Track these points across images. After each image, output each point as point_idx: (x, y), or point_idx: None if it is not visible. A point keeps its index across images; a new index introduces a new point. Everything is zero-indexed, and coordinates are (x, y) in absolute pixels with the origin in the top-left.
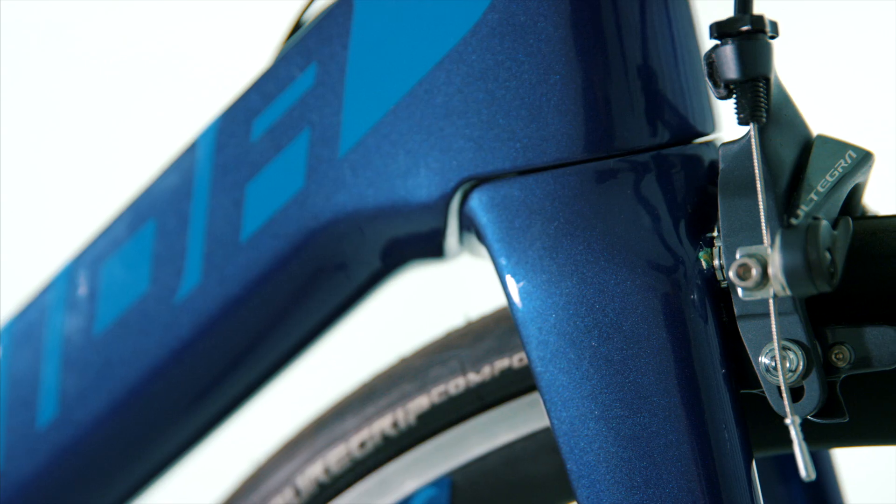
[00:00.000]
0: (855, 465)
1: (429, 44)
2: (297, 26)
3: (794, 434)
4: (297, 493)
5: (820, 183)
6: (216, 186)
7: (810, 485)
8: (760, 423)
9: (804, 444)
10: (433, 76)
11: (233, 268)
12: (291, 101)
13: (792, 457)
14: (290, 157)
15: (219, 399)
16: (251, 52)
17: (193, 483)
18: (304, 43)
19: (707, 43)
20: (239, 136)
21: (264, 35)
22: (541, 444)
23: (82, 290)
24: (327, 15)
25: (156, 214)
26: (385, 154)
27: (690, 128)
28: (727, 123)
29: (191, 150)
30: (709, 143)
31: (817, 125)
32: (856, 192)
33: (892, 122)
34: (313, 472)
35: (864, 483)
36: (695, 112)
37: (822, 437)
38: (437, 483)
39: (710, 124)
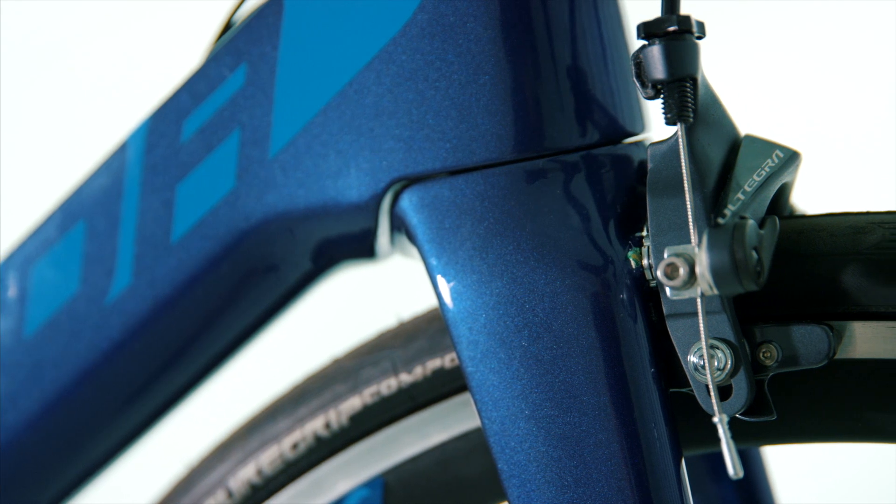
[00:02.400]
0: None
1: (359, 44)
2: (228, 26)
3: (722, 432)
4: (230, 494)
5: (747, 182)
6: (146, 187)
7: (741, 482)
8: (690, 422)
9: (732, 443)
10: (363, 76)
11: (163, 269)
12: (222, 101)
13: (722, 455)
14: (220, 157)
15: (151, 400)
16: None
17: (126, 484)
18: (234, 43)
19: (636, 43)
20: (169, 136)
21: None
22: (473, 444)
23: (12, 291)
24: (257, 15)
25: (86, 215)
26: (316, 154)
27: (620, 128)
28: (657, 123)
29: (121, 151)
30: (638, 143)
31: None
32: (783, 192)
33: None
34: (246, 474)
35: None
36: (624, 112)
37: (751, 435)
38: (369, 484)
39: (639, 124)
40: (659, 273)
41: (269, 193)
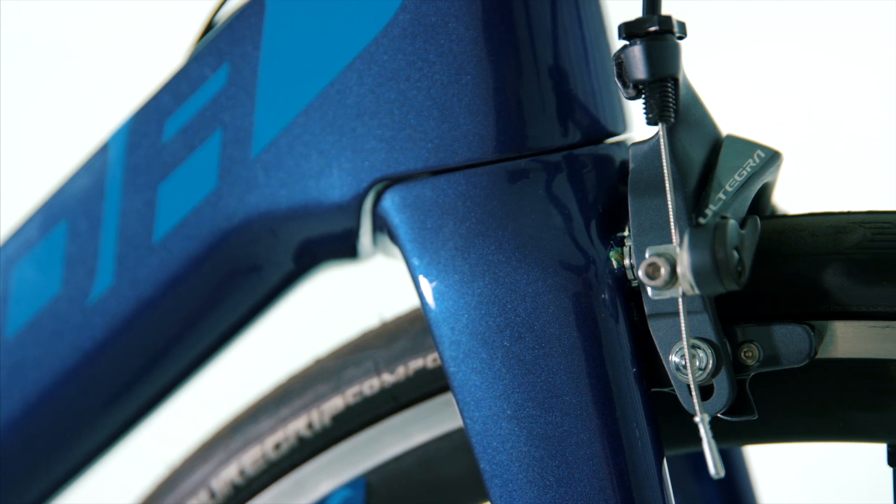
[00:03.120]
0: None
1: (341, 44)
2: (210, 26)
3: (703, 432)
4: (212, 495)
5: (728, 182)
6: (128, 187)
7: (723, 482)
8: (671, 422)
9: (713, 442)
10: (345, 76)
11: (145, 269)
12: (203, 101)
13: (704, 454)
14: (202, 157)
15: (134, 401)
16: None
17: (109, 485)
18: (216, 43)
19: (618, 44)
20: (151, 136)
21: None
22: (455, 444)
23: None
24: (239, 15)
25: (68, 216)
26: (298, 154)
27: (602, 128)
28: (639, 123)
29: (102, 151)
30: (620, 143)
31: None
32: (765, 192)
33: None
34: (228, 475)
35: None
36: (606, 112)
37: (732, 434)
38: (352, 484)
39: (621, 124)
40: (640, 273)
41: (252, 193)
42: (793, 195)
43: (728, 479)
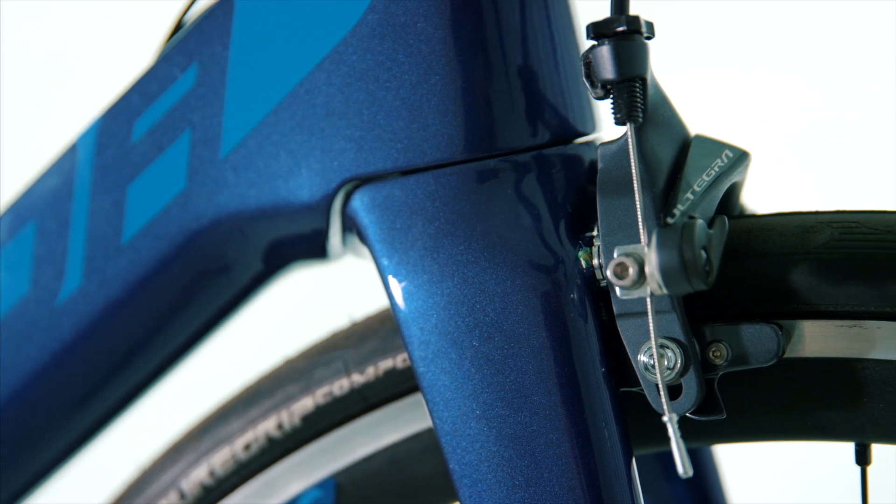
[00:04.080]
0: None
1: (309, 44)
2: (179, 26)
3: (672, 431)
4: (182, 496)
5: (697, 182)
6: (97, 188)
7: (693, 481)
8: (641, 421)
9: (681, 442)
10: (314, 77)
11: (114, 270)
12: (172, 101)
13: (672, 454)
14: (171, 158)
15: (103, 402)
16: None
17: (78, 486)
18: (184, 43)
19: (587, 44)
20: (120, 137)
21: None
22: (425, 445)
23: None
24: (208, 15)
25: (36, 216)
26: (267, 155)
27: (571, 128)
28: (608, 123)
29: (71, 152)
30: (589, 143)
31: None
32: (733, 191)
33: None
34: (198, 475)
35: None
36: (575, 112)
37: (701, 434)
38: (322, 484)
39: (590, 124)
40: (609, 273)
41: (221, 194)
42: (763, 195)
43: (697, 479)
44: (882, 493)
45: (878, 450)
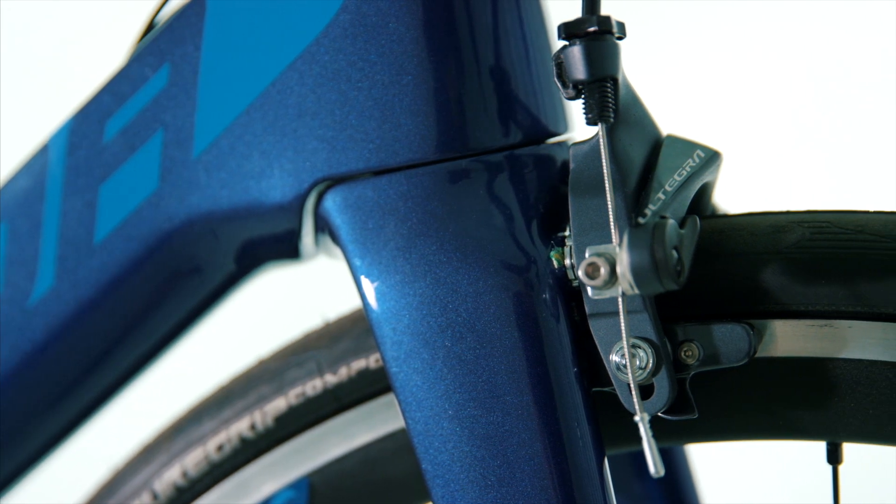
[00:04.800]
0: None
1: (281, 44)
2: (151, 26)
3: (643, 431)
4: (155, 497)
5: (668, 182)
6: (69, 188)
7: (665, 481)
8: (613, 421)
9: (653, 441)
10: (286, 77)
11: (86, 270)
12: (144, 101)
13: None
14: (143, 158)
15: (75, 403)
16: None
17: (52, 487)
18: (156, 43)
19: (559, 44)
20: (92, 137)
21: None
22: (398, 445)
23: None
24: (180, 15)
25: (8, 217)
26: (239, 155)
27: (543, 128)
28: (580, 123)
29: (43, 152)
30: (561, 143)
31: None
32: (705, 191)
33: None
34: (171, 476)
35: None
36: (547, 112)
37: (673, 433)
38: (295, 485)
39: (562, 124)
40: (580, 273)
41: (193, 194)
42: (734, 194)
43: (670, 478)
44: (853, 492)
45: (849, 449)
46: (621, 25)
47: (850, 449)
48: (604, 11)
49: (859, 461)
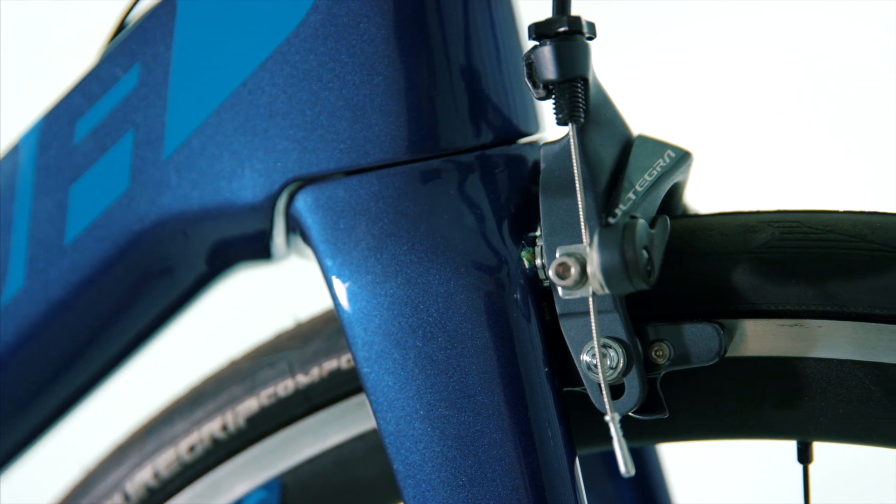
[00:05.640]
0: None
1: (252, 44)
2: (122, 26)
3: (614, 431)
4: (127, 498)
5: (639, 182)
6: (39, 189)
7: (637, 480)
8: (584, 421)
9: (623, 441)
10: (257, 77)
11: (57, 271)
12: (115, 102)
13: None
14: (114, 158)
15: (47, 404)
16: None
17: (23, 489)
18: (127, 43)
19: (530, 44)
20: (62, 137)
21: None
22: (370, 445)
23: None
24: (151, 15)
25: None
26: (210, 155)
27: (514, 128)
28: (552, 123)
29: (13, 153)
30: (532, 143)
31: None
32: (676, 191)
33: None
34: (142, 478)
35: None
36: (518, 112)
37: (645, 433)
38: (267, 485)
39: (533, 124)
40: (551, 273)
41: (164, 195)
42: (706, 194)
43: (642, 478)
44: (824, 491)
45: (819, 448)
46: (592, 26)
47: (820, 448)
48: (574, 11)
49: (829, 460)
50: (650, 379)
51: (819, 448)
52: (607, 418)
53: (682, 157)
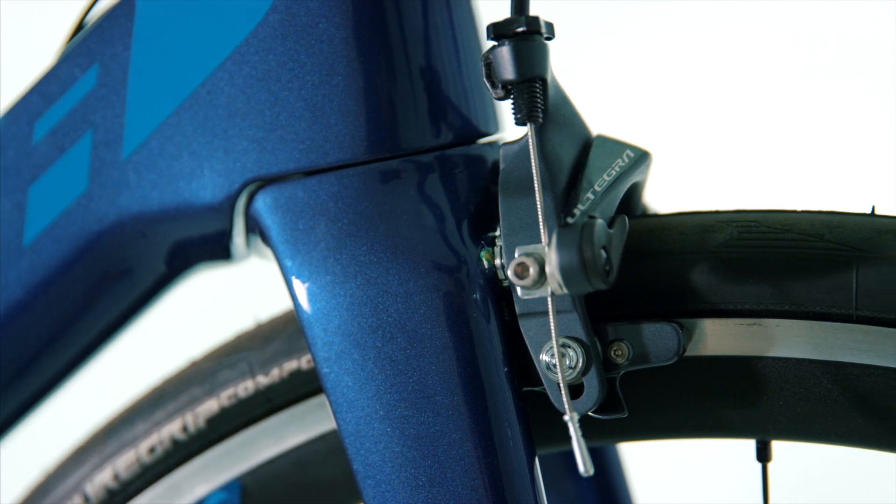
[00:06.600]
0: None
1: (211, 45)
2: (81, 26)
3: (573, 430)
4: (87, 499)
5: (598, 182)
6: None
7: (598, 480)
8: (544, 421)
9: (582, 440)
10: (216, 77)
11: (15, 272)
12: (73, 102)
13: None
14: (73, 159)
15: (5, 405)
16: None
17: None
18: (86, 43)
19: (488, 44)
20: (20, 138)
21: None
22: (330, 446)
23: None
24: (109, 15)
25: None
26: (169, 156)
27: (473, 128)
28: (511, 123)
29: None
30: (492, 144)
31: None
32: (635, 191)
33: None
34: (102, 479)
35: None
36: (478, 112)
37: (604, 432)
38: (227, 487)
39: (493, 124)
40: (510, 273)
41: (123, 195)
42: (666, 194)
43: (603, 477)
44: (783, 490)
45: (778, 447)
46: (550, 26)
47: (779, 447)
48: (533, 11)
49: (788, 459)
50: (609, 378)
51: (777, 447)
52: (566, 418)
53: (641, 157)
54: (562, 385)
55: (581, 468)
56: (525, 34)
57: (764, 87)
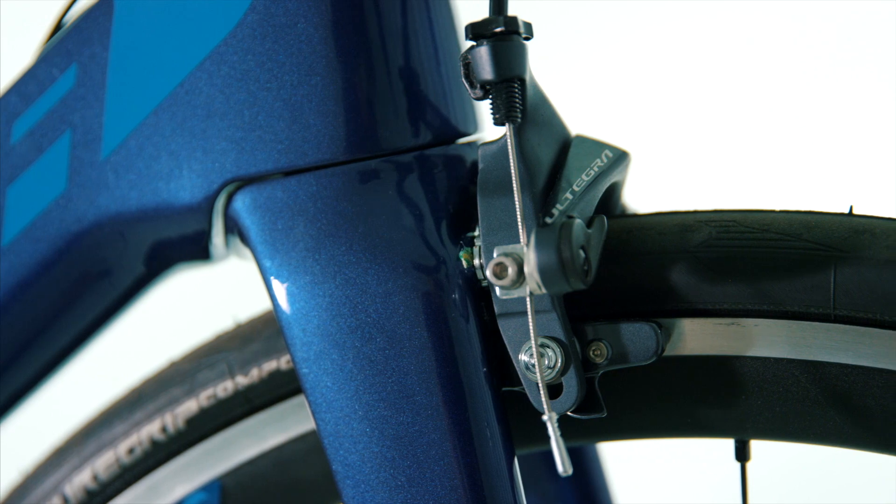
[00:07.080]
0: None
1: (190, 45)
2: (59, 26)
3: (551, 430)
4: (66, 500)
5: (576, 182)
6: None
7: (577, 479)
8: (523, 421)
9: (561, 440)
10: (194, 77)
11: None
12: (52, 102)
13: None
14: (51, 159)
15: None
16: None
17: None
18: (64, 44)
19: (467, 44)
20: None
21: None
22: (310, 446)
23: None
24: (88, 15)
25: None
26: (148, 156)
27: (453, 128)
28: (490, 123)
29: None
30: (471, 144)
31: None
32: (614, 191)
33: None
34: (81, 480)
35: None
36: (457, 112)
37: (583, 432)
38: (207, 487)
39: (472, 124)
40: (488, 273)
41: (101, 196)
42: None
43: (582, 477)
44: (761, 489)
45: (756, 446)
46: (528, 26)
47: (757, 447)
48: (511, 12)
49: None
50: (588, 378)
51: (756, 446)
52: (545, 418)
53: (620, 157)
54: (540, 385)
55: (560, 468)
56: (503, 34)
57: (752, 86)
